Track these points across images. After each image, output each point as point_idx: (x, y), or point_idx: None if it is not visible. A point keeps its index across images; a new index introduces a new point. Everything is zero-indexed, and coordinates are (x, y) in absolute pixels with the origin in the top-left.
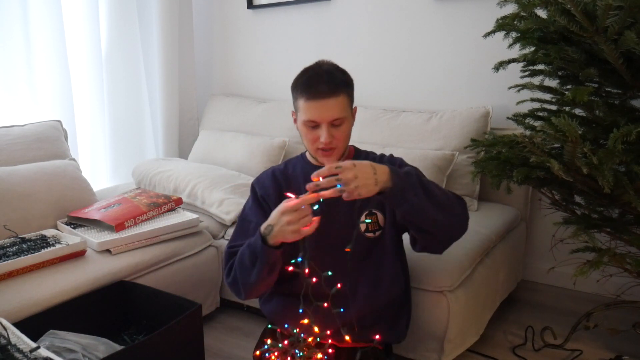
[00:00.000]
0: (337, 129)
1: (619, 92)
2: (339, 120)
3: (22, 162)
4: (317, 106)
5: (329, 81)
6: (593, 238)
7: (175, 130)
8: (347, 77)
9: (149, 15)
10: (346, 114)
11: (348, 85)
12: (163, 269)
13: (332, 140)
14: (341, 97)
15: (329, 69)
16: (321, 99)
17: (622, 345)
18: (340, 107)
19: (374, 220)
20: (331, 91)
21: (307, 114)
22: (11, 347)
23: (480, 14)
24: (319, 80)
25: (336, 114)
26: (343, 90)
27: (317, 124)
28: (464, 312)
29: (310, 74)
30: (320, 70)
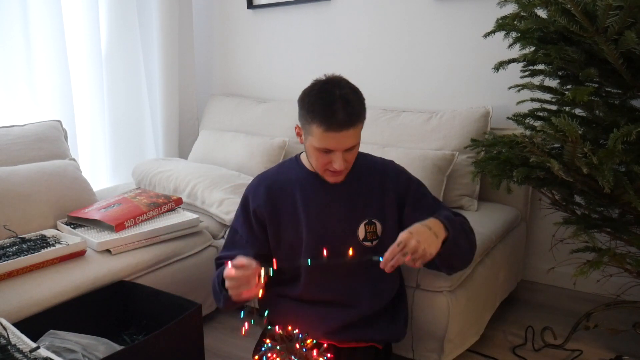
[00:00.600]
0: (349, 153)
1: (619, 92)
2: (353, 147)
3: (22, 162)
4: (335, 137)
5: (349, 112)
6: (593, 238)
7: (175, 130)
8: (363, 102)
9: (149, 15)
10: (359, 139)
11: (364, 112)
12: (163, 269)
13: (344, 164)
14: (359, 126)
15: (347, 95)
16: (340, 130)
17: (622, 345)
18: (357, 135)
19: (373, 230)
20: (351, 122)
21: (322, 142)
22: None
23: (480, 14)
24: (337, 110)
25: (352, 142)
26: (359, 119)
27: (331, 151)
28: (464, 312)
29: (327, 101)
30: (337, 97)
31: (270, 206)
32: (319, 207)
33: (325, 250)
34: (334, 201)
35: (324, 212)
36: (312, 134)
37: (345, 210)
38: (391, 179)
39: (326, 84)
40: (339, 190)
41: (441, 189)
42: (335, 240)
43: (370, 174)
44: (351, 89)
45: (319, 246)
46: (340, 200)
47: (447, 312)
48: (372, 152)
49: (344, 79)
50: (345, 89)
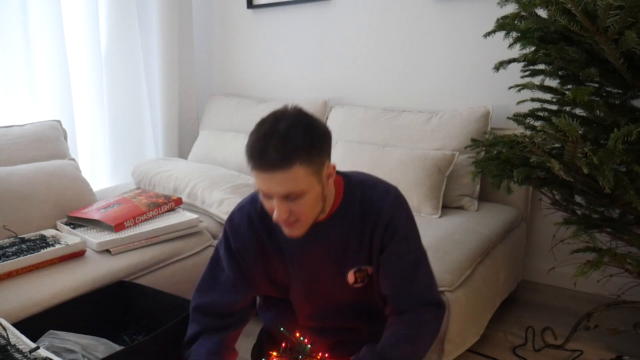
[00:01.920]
0: (295, 203)
1: (620, 92)
2: (292, 194)
3: (22, 162)
4: (264, 178)
5: (280, 148)
6: (593, 238)
7: (175, 130)
8: (311, 135)
9: (148, 15)
10: (304, 186)
11: (308, 151)
12: (163, 269)
13: (287, 216)
14: (295, 169)
15: (286, 129)
16: (269, 171)
17: (623, 345)
18: (295, 180)
19: (364, 274)
20: (281, 162)
21: (256, 181)
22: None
23: (480, 14)
24: (267, 146)
25: (289, 188)
26: (300, 158)
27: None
28: (464, 312)
29: (260, 134)
30: (273, 131)
31: (255, 244)
32: (305, 251)
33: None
34: (322, 246)
35: (311, 257)
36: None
37: (335, 257)
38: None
39: (271, 115)
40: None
41: (441, 189)
42: (323, 287)
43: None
44: (296, 121)
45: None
46: (330, 246)
47: (447, 312)
48: (373, 153)
49: (296, 111)
50: (290, 122)
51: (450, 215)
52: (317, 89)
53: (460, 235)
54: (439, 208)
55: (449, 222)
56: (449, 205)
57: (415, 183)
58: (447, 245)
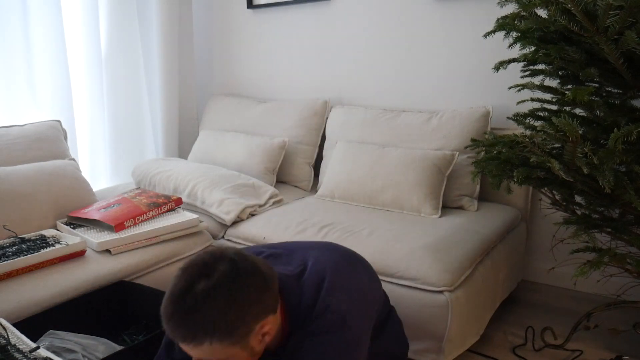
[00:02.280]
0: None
1: (620, 92)
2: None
3: (22, 162)
4: (179, 344)
5: (185, 324)
6: (593, 238)
7: (175, 130)
8: (232, 312)
9: (149, 15)
10: (225, 354)
11: (225, 329)
12: (163, 269)
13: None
14: (206, 345)
15: (202, 296)
16: (175, 339)
17: (623, 345)
18: (210, 353)
19: None
20: (186, 338)
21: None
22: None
23: (480, 14)
24: (173, 315)
25: (206, 356)
26: (209, 339)
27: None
28: (464, 312)
29: (172, 292)
30: (185, 293)
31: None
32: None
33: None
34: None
35: None
36: None
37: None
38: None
39: (197, 265)
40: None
41: (441, 189)
42: None
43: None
44: (222, 286)
45: None
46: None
47: (447, 312)
48: (373, 153)
49: (232, 269)
50: (212, 284)
51: (450, 215)
52: (317, 89)
53: (460, 235)
54: (439, 208)
55: (449, 222)
56: (449, 205)
57: (415, 183)
58: (447, 245)
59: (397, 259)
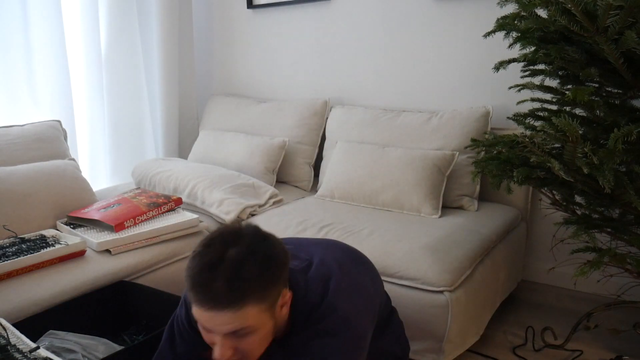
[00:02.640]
0: (242, 341)
1: (620, 92)
2: (242, 330)
3: (22, 162)
4: (209, 315)
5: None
6: (593, 238)
7: (175, 130)
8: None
9: (149, 15)
10: (255, 323)
11: (265, 285)
12: (163, 269)
13: (231, 355)
14: (248, 308)
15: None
16: (214, 310)
17: (623, 345)
18: (244, 319)
19: None
20: (230, 302)
21: (195, 314)
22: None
23: (480, 14)
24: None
25: (236, 326)
26: (252, 297)
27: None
28: (464, 312)
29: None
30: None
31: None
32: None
33: None
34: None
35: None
36: (189, 303)
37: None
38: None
39: (220, 236)
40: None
41: (441, 189)
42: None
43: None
44: (251, 249)
45: None
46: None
47: (447, 312)
48: (373, 153)
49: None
50: (244, 250)
51: (450, 215)
52: (317, 89)
53: (460, 235)
54: (439, 208)
55: (449, 222)
56: (449, 205)
57: (415, 183)
58: (447, 245)
59: (397, 259)
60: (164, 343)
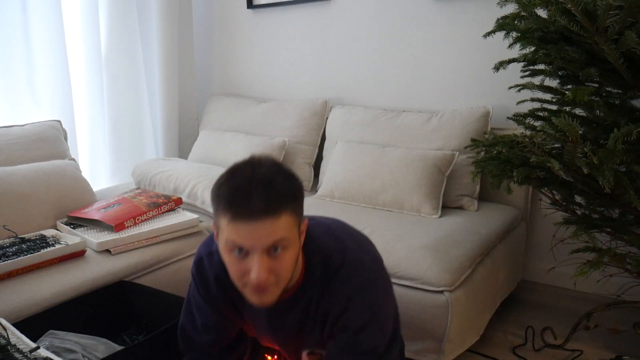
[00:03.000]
0: (276, 259)
1: (620, 92)
2: (279, 242)
3: (22, 162)
4: (247, 229)
5: (266, 195)
6: (593, 238)
7: (175, 130)
8: (293, 184)
9: (149, 15)
10: (291, 234)
11: (295, 197)
12: (163, 269)
13: (268, 276)
14: (284, 217)
15: (267, 175)
16: (253, 220)
17: (623, 345)
18: (282, 230)
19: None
20: (268, 209)
21: (230, 234)
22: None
23: (480, 14)
24: (251, 193)
25: (276, 237)
26: (287, 207)
27: (246, 251)
28: (464, 312)
29: (237, 182)
30: (253, 178)
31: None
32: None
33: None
34: (280, 327)
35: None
36: (220, 229)
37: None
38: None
39: (242, 164)
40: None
41: (441, 189)
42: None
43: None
44: (276, 169)
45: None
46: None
47: (447, 312)
48: (373, 153)
49: (271, 159)
50: (266, 169)
51: (450, 215)
52: (317, 89)
53: (460, 235)
54: (438, 208)
55: (449, 222)
56: (449, 205)
57: (415, 183)
58: (447, 245)
59: (397, 259)
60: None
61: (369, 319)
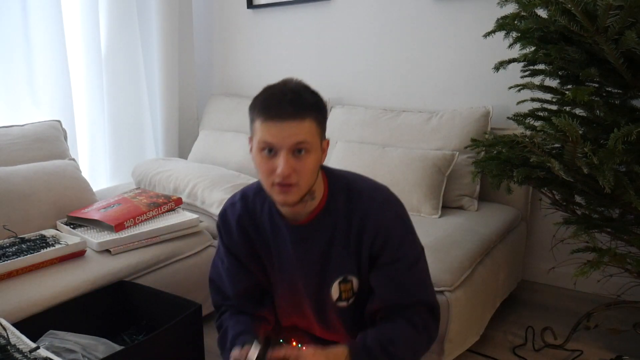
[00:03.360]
0: (299, 160)
1: (620, 92)
2: (303, 144)
3: (22, 162)
4: (277, 128)
5: (294, 101)
6: (593, 238)
7: (175, 130)
8: (318, 99)
9: (149, 15)
10: (313, 140)
11: (319, 109)
12: (163, 269)
13: (291, 173)
14: (308, 122)
15: (297, 88)
16: (282, 120)
17: (623, 345)
18: (307, 130)
19: (348, 288)
20: (296, 112)
21: (262, 134)
22: (11, 348)
23: (480, 14)
24: (283, 99)
25: (300, 137)
26: (311, 114)
27: (275, 151)
28: (464, 312)
29: (270, 92)
30: (284, 89)
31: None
32: (289, 262)
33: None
34: (306, 251)
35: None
36: (255, 133)
37: (318, 266)
38: (369, 232)
39: (276, 82)
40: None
41: (441, 189)
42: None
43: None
44: (305, 87)
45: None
46: (313, 250)
47: (447, 312)
48: (373, 153)
49: (303, 82)
50: (300, 86)
51: (450, 215)
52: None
53: (460, 235)
54: (438, 208)
55: (449, 222)
56: (449, 205)
57: (415, 183)
58: (447, 245)
59: None
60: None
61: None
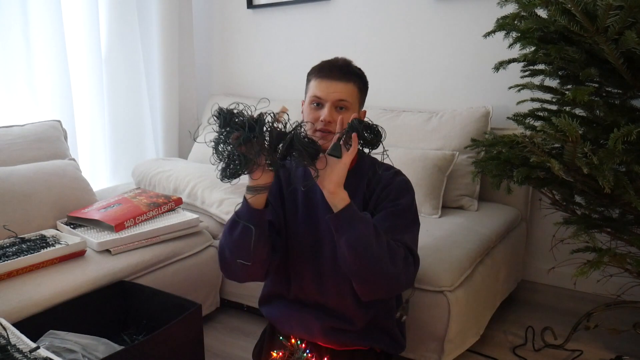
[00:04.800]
0: (340, 114)
1: (620, 92)
2: (344, 102)
3: (22, 162)
4: (326, 85)
5: (343, 67)
6: (593, 238)
7: (175, 130)
8: (362, 73)
9: (149, 15)
10: (353, 101)
11: (362, 79)
12: (163, 269)
13: (331, 121)
14: (351, 85)
15: (347, 61)
16: (331, 80)
17: (623, 345)
18: (349, 92)
19: None
20: (343, 75)
21: (314, 90)
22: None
23: (480, 14)
24: (334, 64)
25: (343, 95)
26: (355, 80)
27: (322, 103)
28: (464, 312)
29: (327, 61)
30: (337, 59)
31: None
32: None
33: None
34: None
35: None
36: (308, 91)
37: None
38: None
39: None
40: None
41: (441, 189)
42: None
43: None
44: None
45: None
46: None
47: (447, 312)
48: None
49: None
50: (348, 61)
51: (450, 215)
52: None
53: (460, 235)
54: (439, 208)
55: (449, 222)
56: (449, 205)
57: (415, 183)
58: (447, 245)
59: None
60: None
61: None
